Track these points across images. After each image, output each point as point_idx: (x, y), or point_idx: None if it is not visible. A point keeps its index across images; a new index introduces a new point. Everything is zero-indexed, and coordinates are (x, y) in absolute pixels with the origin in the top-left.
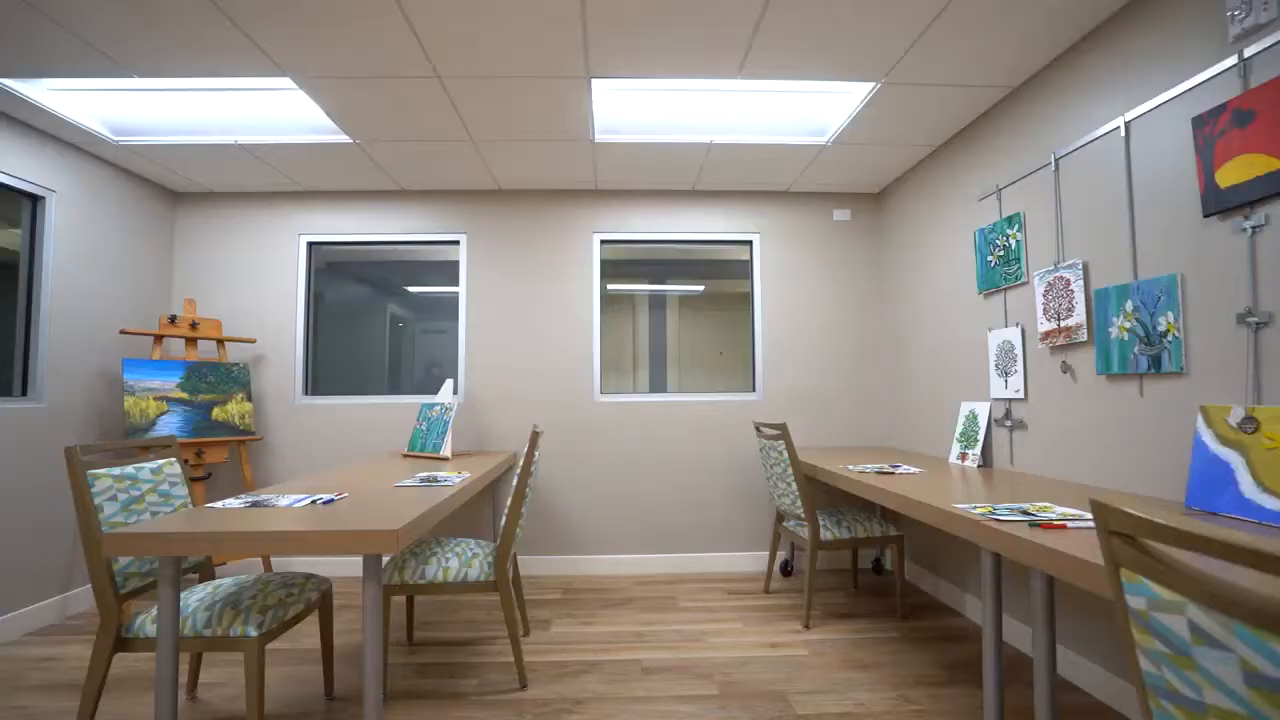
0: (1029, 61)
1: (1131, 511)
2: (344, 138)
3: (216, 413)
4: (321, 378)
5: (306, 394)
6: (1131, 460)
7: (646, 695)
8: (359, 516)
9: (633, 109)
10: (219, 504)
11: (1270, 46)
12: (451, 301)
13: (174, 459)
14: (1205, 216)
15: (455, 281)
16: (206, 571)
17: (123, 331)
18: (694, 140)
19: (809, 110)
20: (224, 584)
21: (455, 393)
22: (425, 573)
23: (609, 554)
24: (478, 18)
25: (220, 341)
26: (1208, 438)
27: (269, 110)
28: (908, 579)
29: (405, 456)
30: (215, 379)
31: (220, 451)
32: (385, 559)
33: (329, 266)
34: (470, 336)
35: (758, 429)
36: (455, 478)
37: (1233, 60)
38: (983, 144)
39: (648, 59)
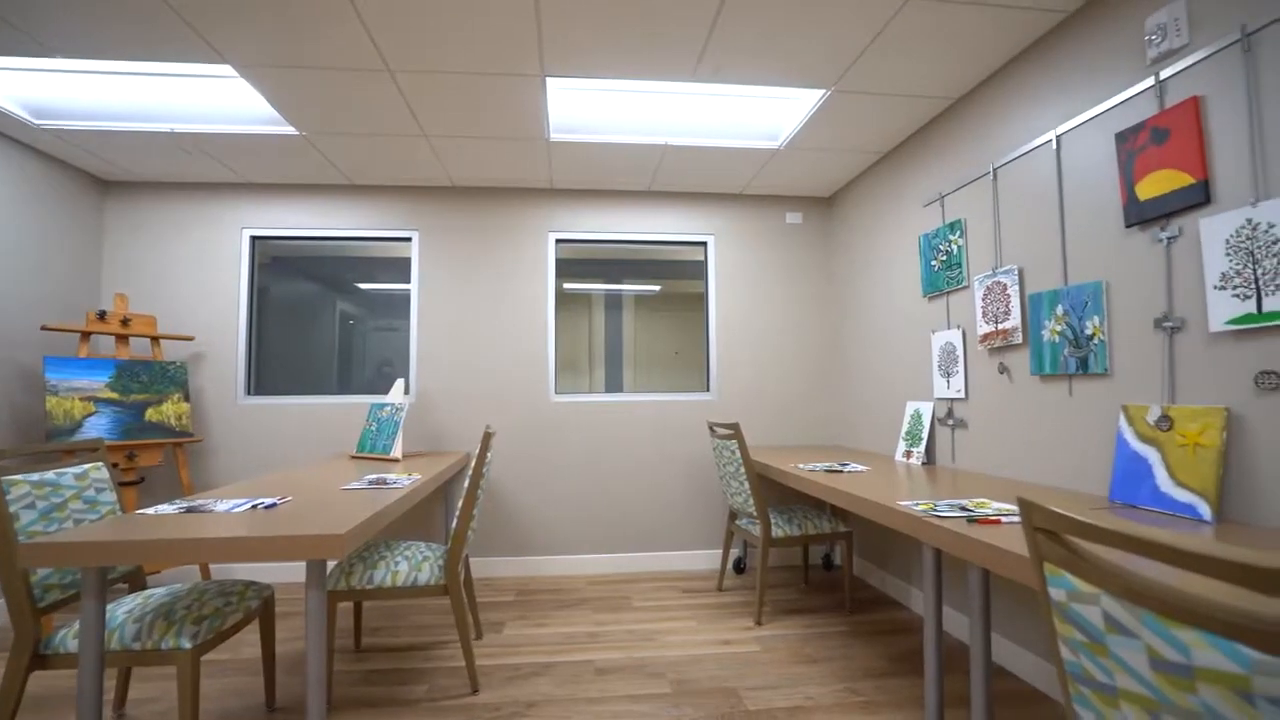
0: (969, 75)
1: (1054, 509)
2: (289, 129)
3: (150, 414)
4: (266, 377)
5: (249, 394)
6: (1062, 456)
7: (599, 696)
8: (303, 521)
9: (589, 109)
10: (150, 510)
11: (1183, 70)
12: (404, 299)
13: (101, 463)
14: (1127, 227)
15: (407, 279)
16: (137, 581)
17: (44, 328)
18: (650, 141)
19: (763, 115)
20: (156, 594)
21: (406, 392)
22: (373, 577)
23: (564, 554)
24: (430, 13)
25: (155, 339)
26: (1129, 435)
27: (208, 97)
28: (856, 574)
29: (354, 458)
30: (149, 378)
31: (154, 454)
32: (331, 564)
33: (275, 261)
34: (422, 335)
35: (711, 429)
36: (405, 479)
37: (1150, 81)
38: (927, 152)
39: (603, 59)
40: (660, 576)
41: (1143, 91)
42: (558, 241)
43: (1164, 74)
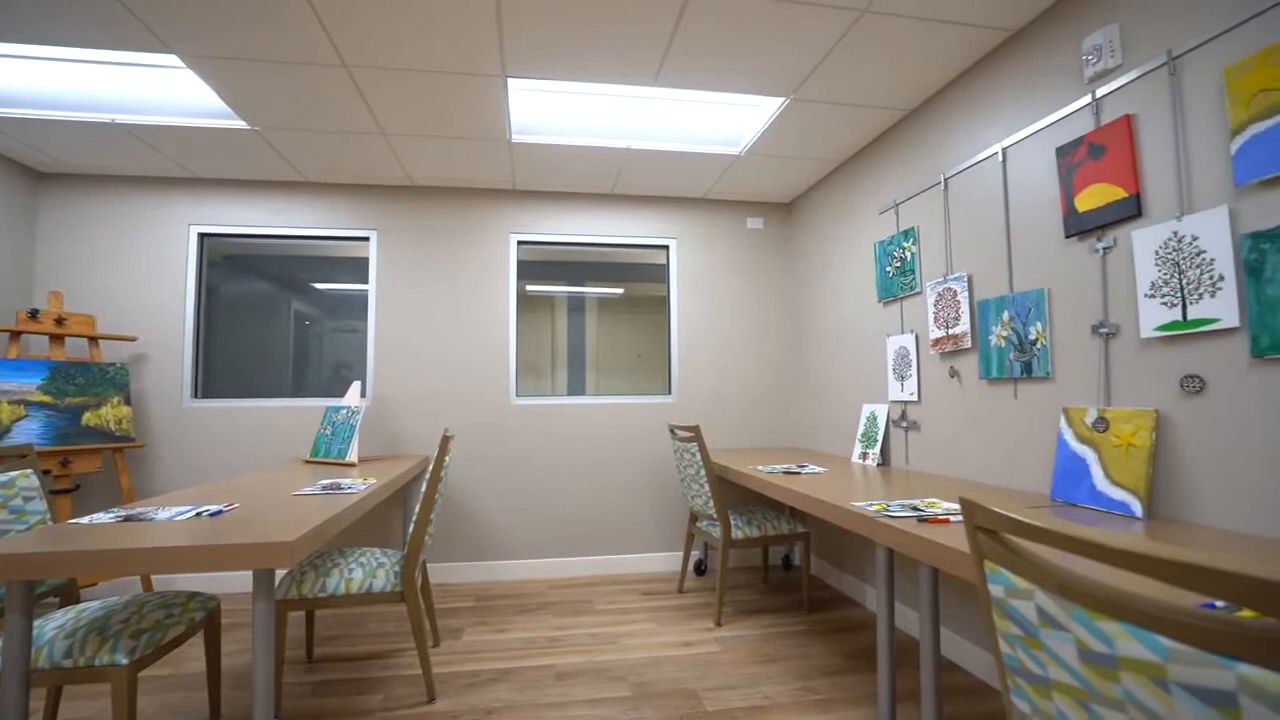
0: (921, 88)
1: (993, 509)
2: (240, 123)
3: (88, 417)
4: (215, 379)
5: (196, 396)
6: (1008, 457)
7: (559, 701)
8: (250, 528)
9: (551, 111)
10: (84, 519)
11: (1117, 89)
12: (361, 299)
13: (30, 470)
14: (1067, 237)
15: (365, 279)
16: (70, 595)
17: None
18: (612, 145)
19: (724, 121)
20: (90, 608)
21: (363, 395)
22: (326, 585)
23: (524, 559)
24: (388, 9)
25: (93, 339)
26: (1068, 436)
27: (154, 88)
28: (814, 574)
29: (308, 463)
30: (86, 380)
31: (92, 461)
32: (281, 573)
33: (226, 260)
34: (380, 337)
35: (672, 431)
36: (360, 484)
37: (1088, 99)
38: (883, 162)
39: (565, 62)
40: (622, 579)
41: (1081, 108)
42: (520, 243)
43: (1100, 92)
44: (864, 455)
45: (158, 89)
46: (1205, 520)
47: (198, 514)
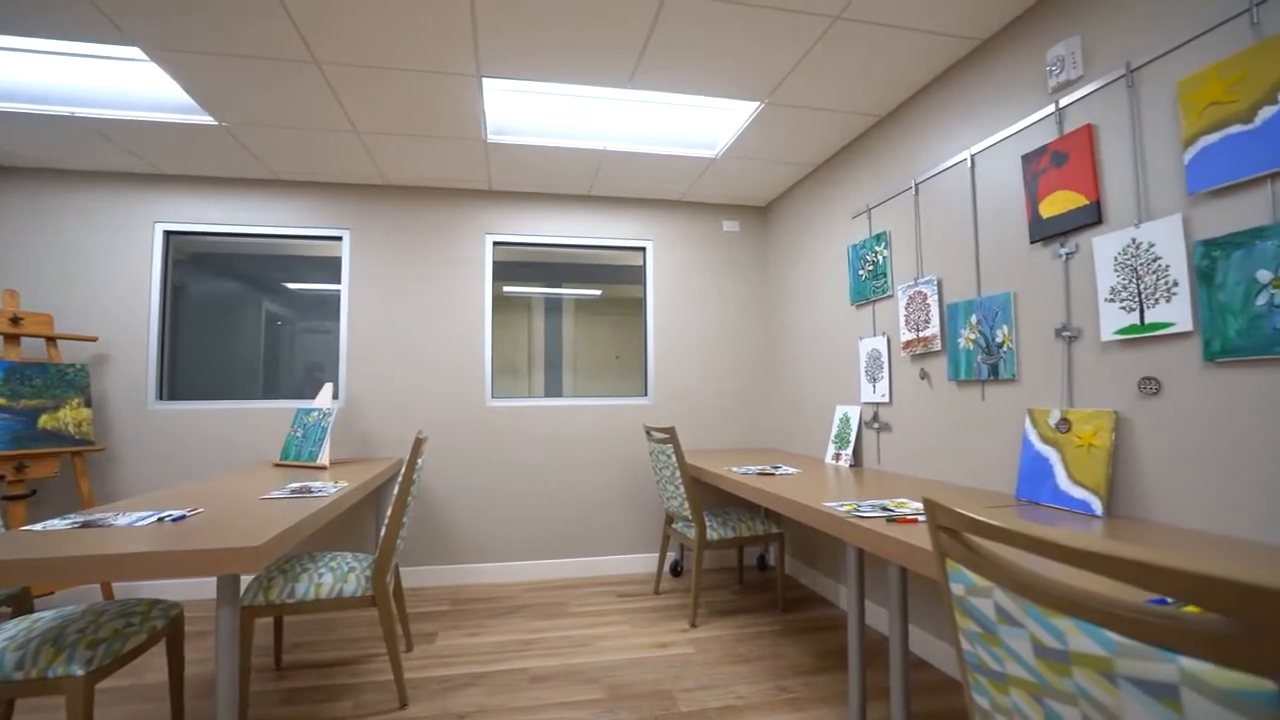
0: (893, 94)
1: (955, 509)
2: (207, 119)
3: (45, 420)
4: (182, 381)
5: (161, 399)
6: (976, 457)
7: (533, 704)
8: (214, 533)
9: (527, 111)
10: (38, 526)
11: (1079, 99)
12: (335, 300)
13: None
14: (1032, 243)
15: (338, 279)
16: (23, 605)
17: None
18: (589, 146)
19: (700, 124)
20: (44, 618)
21: (335, 397)
22: (295, 591)
23: (499, 561)
24: (359, 5)
25: (51, 339)
26: (1033, 437)
27: (116, 81)
28: (788, 574)
29: (277, 466)
30: (43, 382)
31: (49, 465)
32: (248, 578)
33: (193, 259)
34: (353, 337)
35: (648, 432)
36: (331, 487)
37: (1051, 108)
38: (856, 166)
39: (540, 62)
40: (597, 581)
41: (1045, 117)
42: (495, 244)
43: (1063, 102)
44: (837, 456)
45: (120, 82)
46: (1162, 518)
47: (159, 519)
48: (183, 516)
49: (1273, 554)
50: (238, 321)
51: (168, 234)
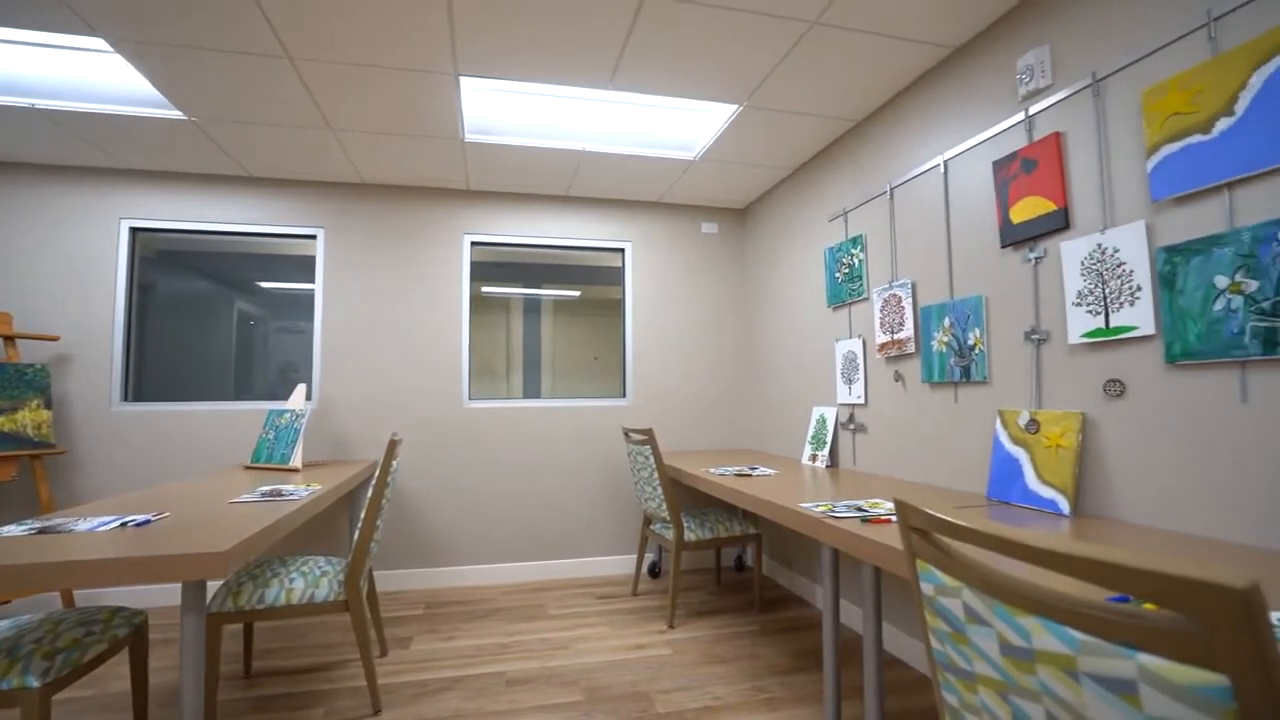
0: (869, 99)
1: (924, 510)
2: (175, 113)
3: (2, 422)
4: (149, 382)
5: (127, 400)
6: (949, 458)
7: (510, 708)
8: (179, 538)
9: (506, 111)
10: None
11: (1047, 108)
12: (309, 299)
13: None
14: (1003, 247)
15: (312, 278)
16: None
17: None
18: (568, 147)
19: (679, 126)
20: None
21: (309, 398)
22: (265, 596)
23: (477, 564)
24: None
25: (9, 338)
26: (1003, 438)
27: (79, 72)
28: (766, 574)
29: (249, 469)
30: (2, 382)
31: (7, 469)
32: (215, 584)
33: (161, 256)
34: (327, 338)
35: (626, 434)
36: (303, 491)
37: (1021, 116)
38: (833, 170)
39: (519, 62)
40: (576, 583)
41: (1015, 125)
42: (473, 244)
43: (1032, 110)
44: (813, 457)
45: (84, 74)
46: (1126, 517)
47: (122, 524)
48: (147, 521)
49: (1230, 551)
50: (209, 321)
51: (134, 231)
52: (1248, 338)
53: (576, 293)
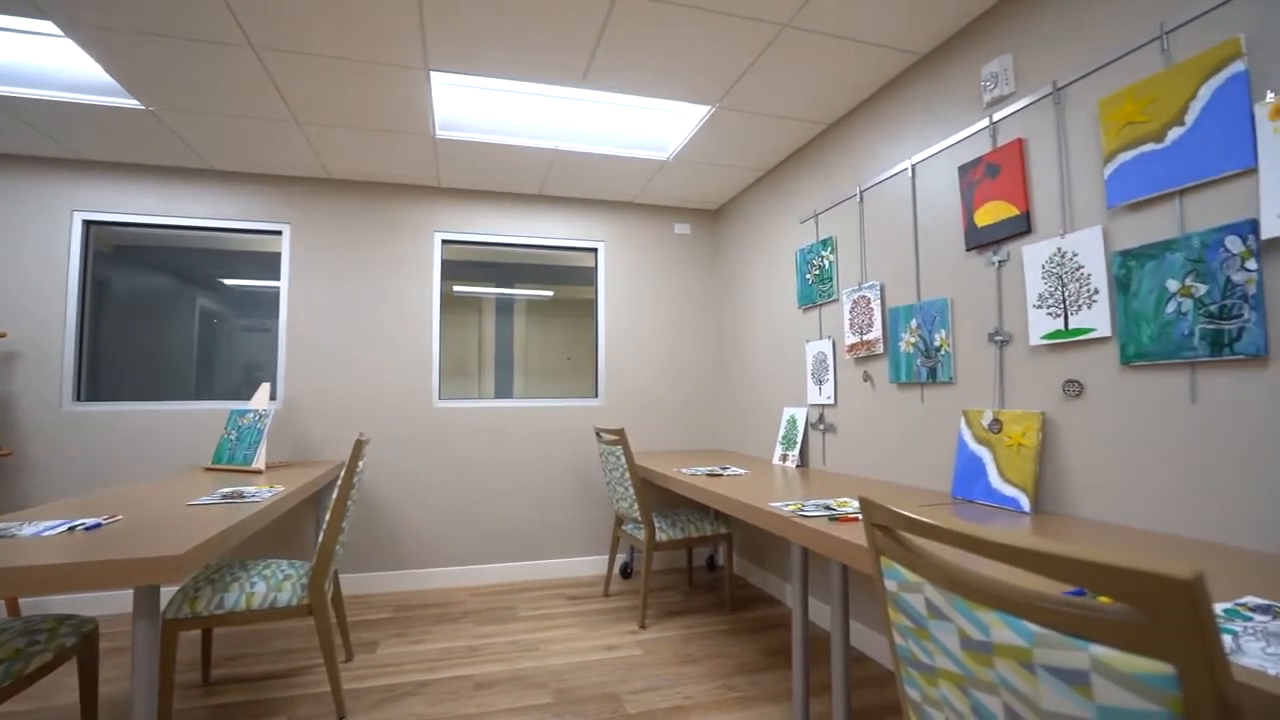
0: (840, 103)
1: (888, 507)
2: (132, 102)
3: None
4: (104, 380)
5: (79, 399)
6: (916, 457)
7: (478, 711)
8: (131, 542)
9: (478, 107)
10: None
11: (1011, 114)
12: (276, 297)
13: None
14: (967, 250)
15: (278, 275)
16: None
17: None
18: (541, 145)
19: (652, 126)
20: None
21: (273, 398)
22: (224, 601)
23: (447, 566)
24: None
25: None
26: (967, 437)
27: (26, 56)
28: (737, 573)
29: (209, 470)
30: None
31: None
32: (172, 589)
33: (118, 251)
34: (293, 336)
35: (598, 434)
36: (266, 492)
37: (985, 122)
38: (804, 172)
39: (490, 58)
40: (547, 585)
41: (980, 131)
42: (444, 242)
43: (996, 116)
44: (784, 457)
45: (33, 58)
46: (1083, 513)
47: (71, 528)
48: (97, 525)
49: (1180, 545)
50: (169, 318)
51: (88, 224)
52: (1196, 339)
53: (549, 293)
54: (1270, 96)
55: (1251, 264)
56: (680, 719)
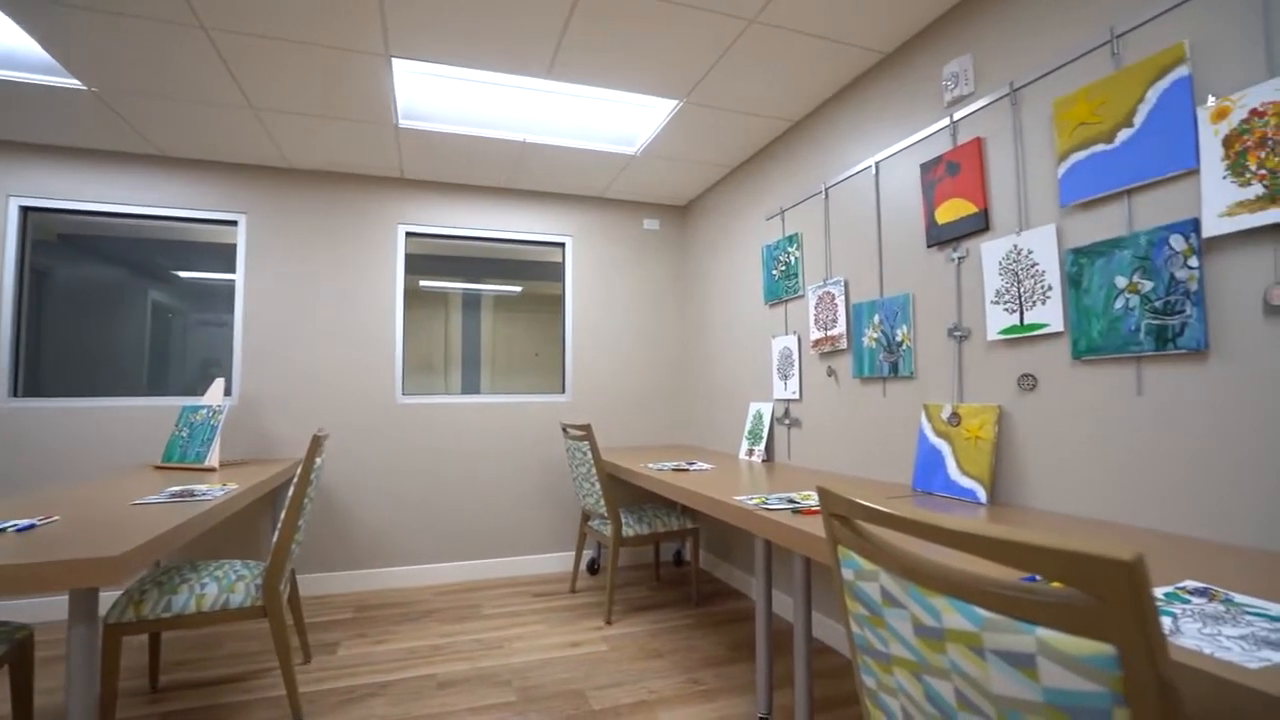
0: (806, 100)
1: (845, 496)
2: (73, 81)
3: None
4: (46, 375)
5: (16, 394)
6: (878, 451)
7: (440, 711)
8: (67, 544)
9: (443, 97)
10: None
11: (970, 114)
12: (232, 290)
13: None
14: (928, 247)
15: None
16: None
17: None
18: (508, 137)
19: (621, 120)
20: None
21: (228, 393)
22: (172, 604)
23: (410, 565)
24: None
25: None
26: (928, 430)
27: None
28: (703, 568)
29: (159, 469)
30: None
31: None
32: (115, 593)
33: (63, 240)
34: (249, 330)
35: (564, 429)
36: (217, 491)
37: (946, 121)
38: (771, 169)
39: (453, 46)
40: (513, 582)
41: (941, 129)
42: (408, 235)
43: (956, 116)
44: (750, 452)
45: None
46: (1036, 504)
47: (1, 530)
48: (30, 526)
49: (1127, 533)
50: (118, 311)
51: (25, 210)
52: (1142, 334)
53: (518, 288)
54: (1211, 100)
55: (1193, 261)
56: (645, 714)
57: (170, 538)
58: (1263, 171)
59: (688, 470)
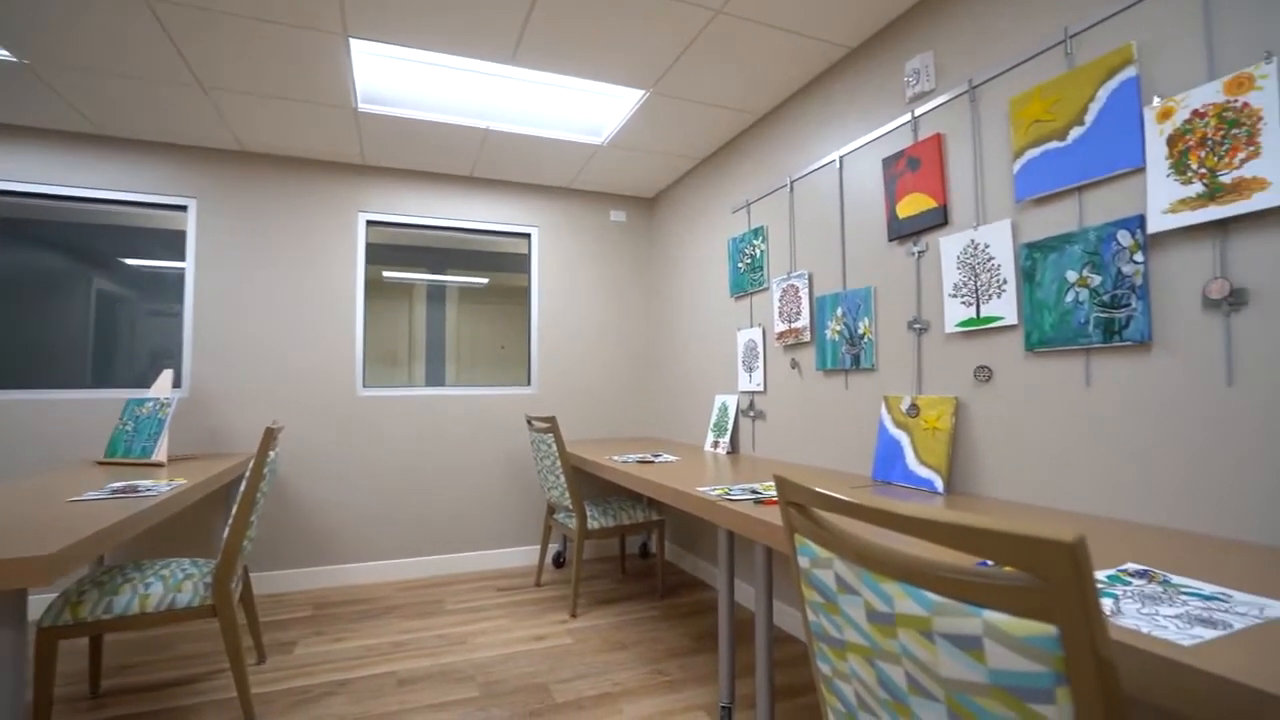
0: (772, 93)
1: (800, 484)
2: (2, 53)
3: None
4: None
5: None
6: (840, 442)
7: (400, 709)
8: None
9: (403, 81)
10: None
11: (931, 110)
12: (182, 278)
13: None
14: (890, 241)
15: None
16: None
17: None
18: (471, 124)
19: (587, 109)
20: None
21: (177, 385)
22: (113, 605)
23: (370, 561)
24: None
25: None
26: (887, 421)
27: None
28: (669, 559)
29: (102, 464)
30: None
31: None
32: (51, 594)
33: None
34: (200, 320)
35: (529, 422)
36: (163, 486)
37: (908, 117)
38: (738, 162)
39: (414, 27)
40: (477, 576)
41: (903, 125)
42: (369, 223)
43: (917, 112)
44: (715, 444)
45: None
46: (989, 493)
47: None
48: None
49: (1075, 519)
50: (59, 300)
51: None
52: (1091, 327)
53: (484, 280)
54: (1157, 101)
55: (1139, 256)
56: (609, 705)
57: (109, 535)
58: (1203, 170)
59: (653, 462)
